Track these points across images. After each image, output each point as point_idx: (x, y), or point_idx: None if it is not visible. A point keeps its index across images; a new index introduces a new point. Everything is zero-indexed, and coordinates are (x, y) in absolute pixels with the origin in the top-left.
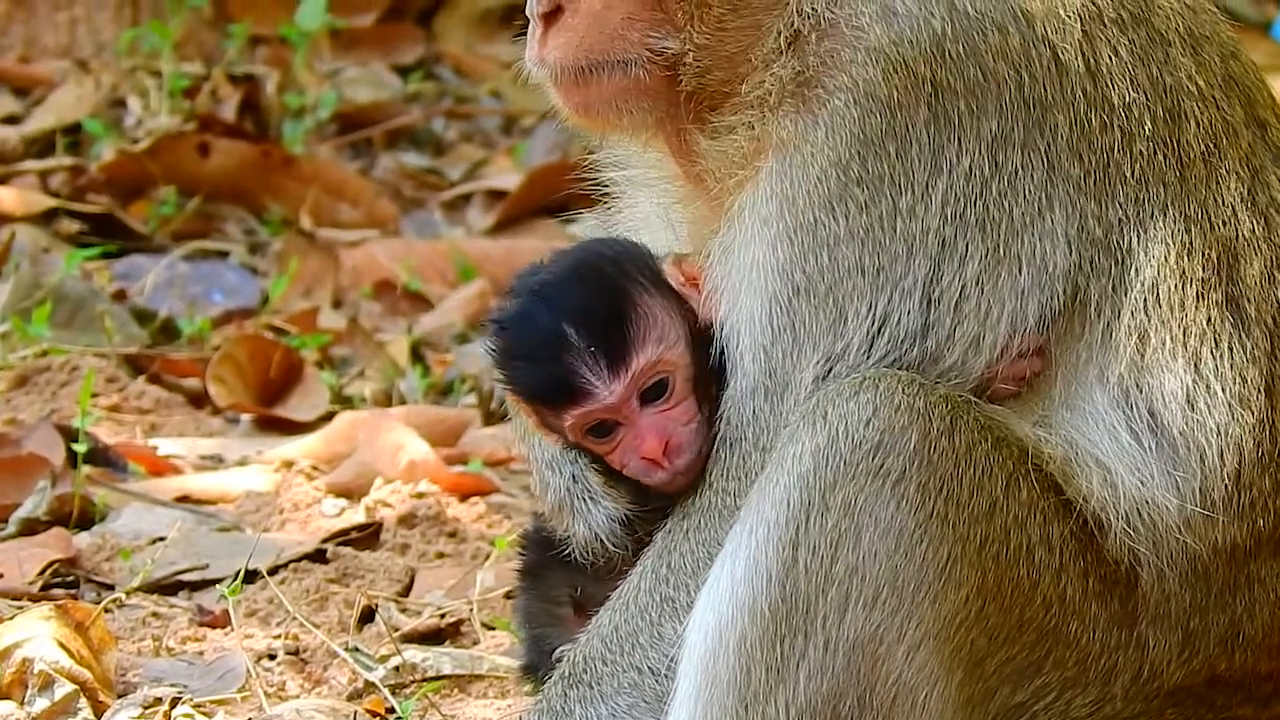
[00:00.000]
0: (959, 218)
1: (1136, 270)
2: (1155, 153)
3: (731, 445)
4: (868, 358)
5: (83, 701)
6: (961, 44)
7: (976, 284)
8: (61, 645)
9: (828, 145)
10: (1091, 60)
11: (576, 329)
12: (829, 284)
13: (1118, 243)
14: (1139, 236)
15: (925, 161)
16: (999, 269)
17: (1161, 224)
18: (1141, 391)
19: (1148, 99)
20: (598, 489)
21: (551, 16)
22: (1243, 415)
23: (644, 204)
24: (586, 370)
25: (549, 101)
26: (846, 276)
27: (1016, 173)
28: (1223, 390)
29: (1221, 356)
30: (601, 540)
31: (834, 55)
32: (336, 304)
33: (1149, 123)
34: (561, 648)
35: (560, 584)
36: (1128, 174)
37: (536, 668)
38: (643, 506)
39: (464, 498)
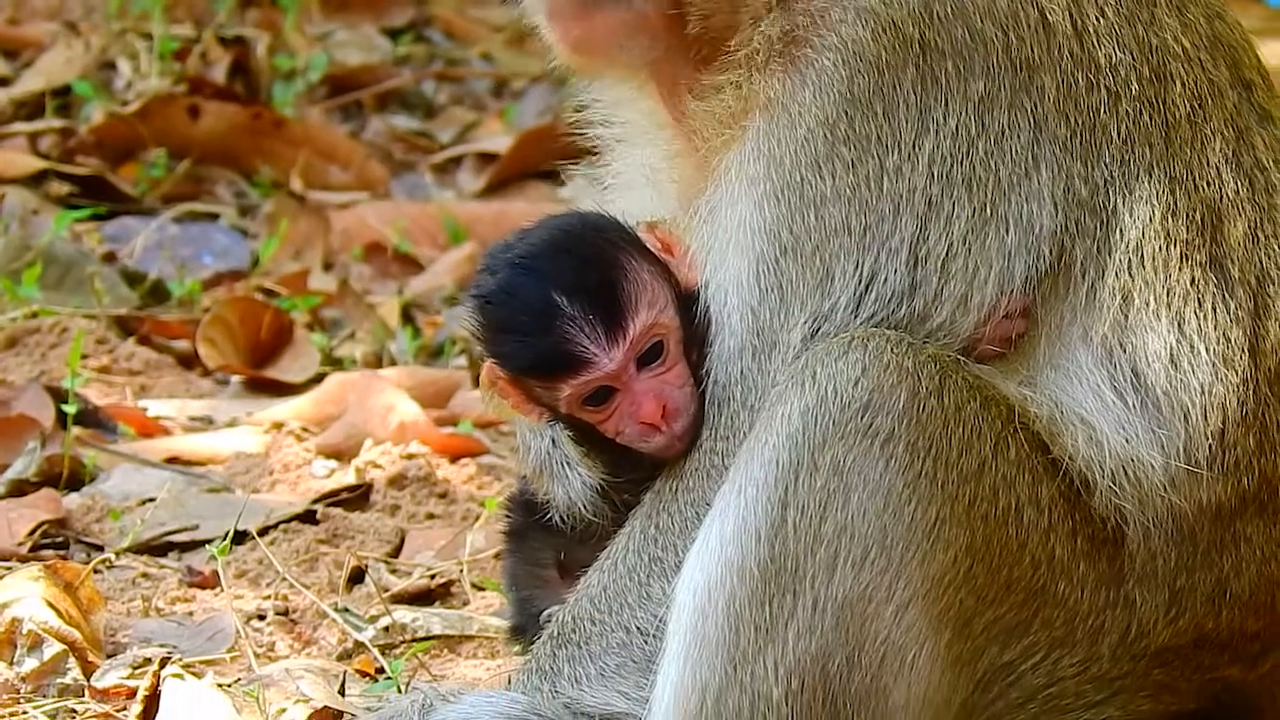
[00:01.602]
0: (945, 177)
1: (1121, 231)
2: (1141, 113)
3: (719, 405)
4: (855, 317)
5: (72, 661)
6: (950, 4)
7: (964, 243)
8: (51, 605)
9: (815, 104)
10: (1078, 20)
11: (569, 298)
12: (816, 243)
13: (1103, 204)
14: (1124, 197)
15: (912, 121)
16: (986, 229)
17: (1147, 185)
18: (1125, 351)
19: (1134, 59)
20: (575, 457)
21: None
22: (1226, 375)
23: (631, 164)
24: (585, 339)
25: (540, 61)
26: (833, 235)
27: (1003, 133)
28: (1206, 350)
29: (1205, 316)
30: (579, 506)
31: (824, 14)
32: (327, 266)
33: (1135, 83)
34: (549, 609)
35: (545, 547)
36: (1114, 134)
37: (524, 629)
38: (617, 477)
39: (454, 459)
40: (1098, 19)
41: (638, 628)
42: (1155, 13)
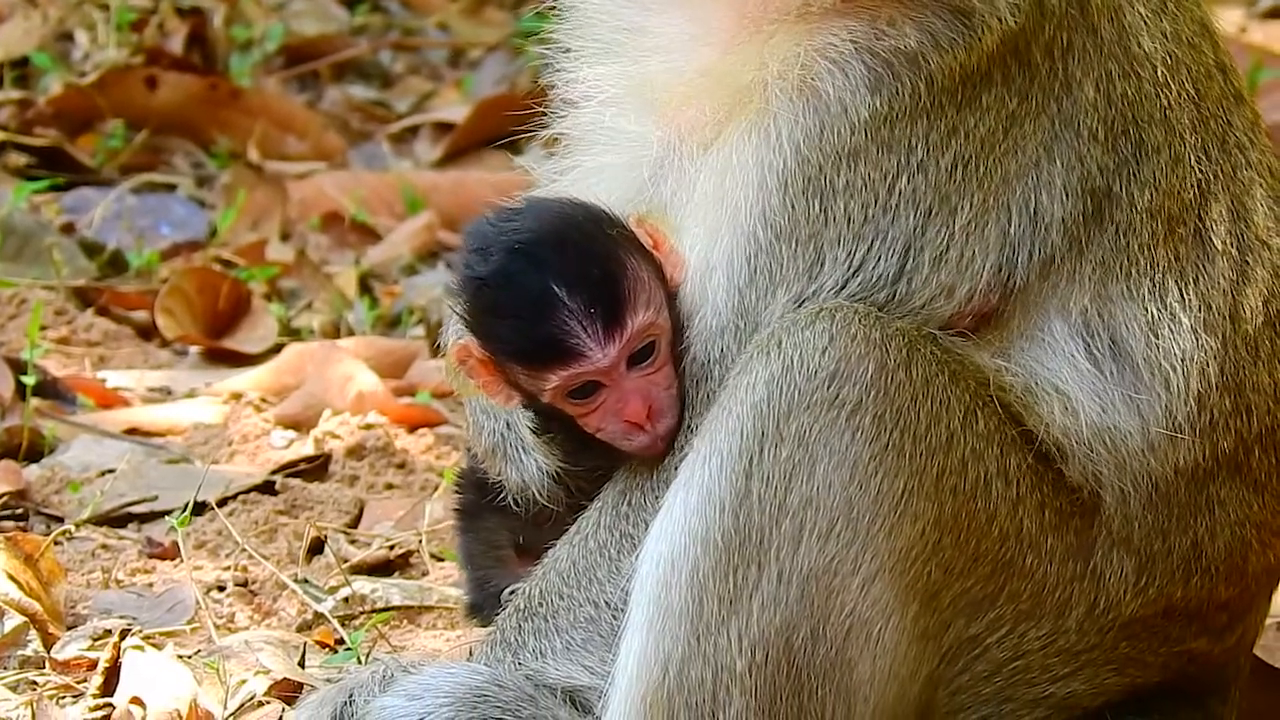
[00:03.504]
0: (961, 175)
1: (1117, 210)
2: (1158, 94)
3: (697, 383)
4: (836, 297)
5: (32, 633)
6: (1027, 41)
7: (963, 234)
8: (11, 577)
9: (868, 109)
10: (1119, 23)
11: (570, 289)
12: (814, 230)
13: (1107, 186)
14: (1129, 179)
15: (946, 130)
16: (986, 219)
17: (1153, 164)
18: (1104, 320)
19: (1157, 47)
20: (530, 442)
21: None
22: (1207, 341)
23: (616, 78)
24: (582, 331)
25: (497, 30)
26: (833, 224)
27: (1025, 135)
28: (1188, 317)
29: (1187, 286)
30: (533, 491)
31: (933, 29)
32: (284, 236)
33: (1158, 69)
34: (511, 586)
35: (498, 527)
36: (1138, 117)
37: (481, 606)
38: (576, 465)
39: (412, 429)
40: (1131, 16)
41: (606, 602)
42: (1167, 3)
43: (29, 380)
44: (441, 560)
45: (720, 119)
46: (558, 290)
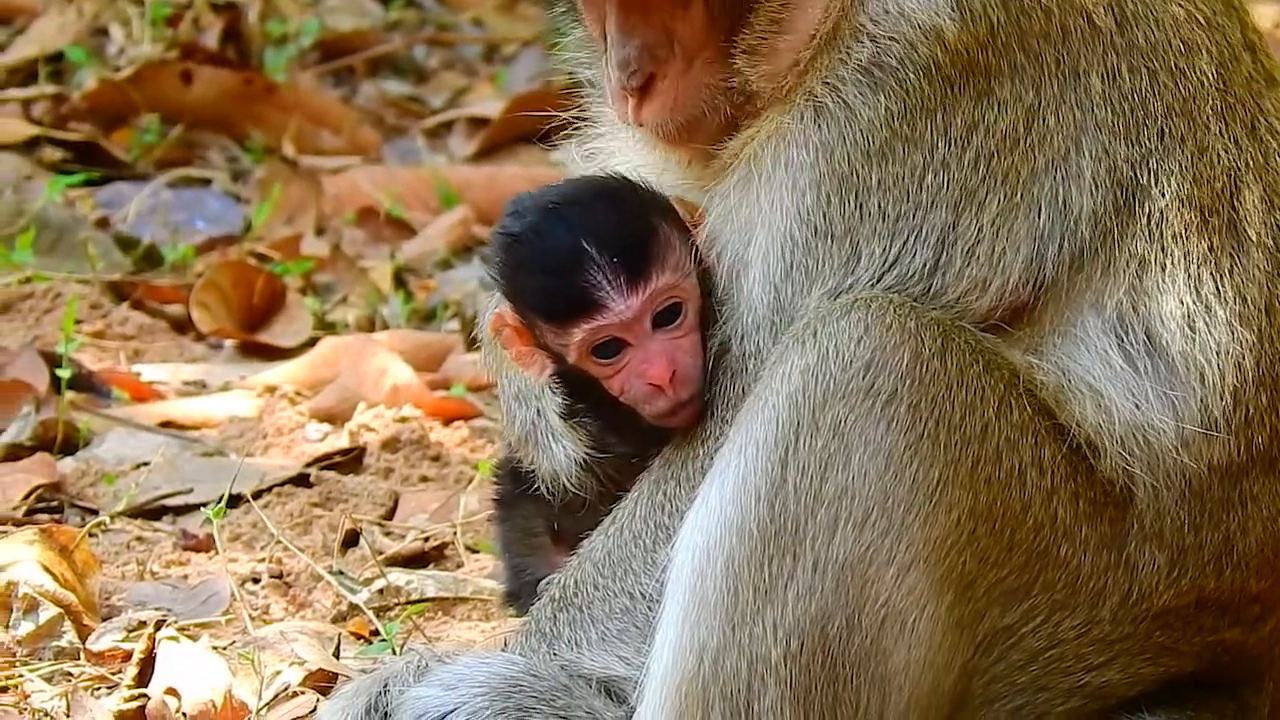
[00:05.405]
0: (987, 169)
1: (1148, 202)
2: (1176, 85)
3: (734, 376)
4: (871, 290)
5: (67, 624)
6: (1014, 30)
7: (992, 227)
8: (46, 569)
9: (879, 106)
10: (1118, 13)
11: (598, 243)
12: (849, 226)
13: (1136, 178)
14: (1158, 169)
15: (966, 125)
16: (1015, 213)
17: (1179, 155)
18: (1139, 315)
19: (1168, 35)
20: (559, 428)
21: (645, 86)
22: (1243, 334)
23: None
24: (605, 282)
25: (531, 25)
26: (868, 220)
27: (1048, 129)
28: (1223, 310)
29: (1222, 278)
30: (563, 478)
31: (899, 34)
32: (319, 231)
33: (1170, 56)
34: (547, 574)
35: (534, 515)
36: (1155, 111)
37: (518, 595)
38: (602, 451)
39: (447, 422)
40: (1135, 3)
41: (641, 593)
42: None
43: (64, 373)
44: (476, 552)
45: (737, 156)
46: (586, 245)
